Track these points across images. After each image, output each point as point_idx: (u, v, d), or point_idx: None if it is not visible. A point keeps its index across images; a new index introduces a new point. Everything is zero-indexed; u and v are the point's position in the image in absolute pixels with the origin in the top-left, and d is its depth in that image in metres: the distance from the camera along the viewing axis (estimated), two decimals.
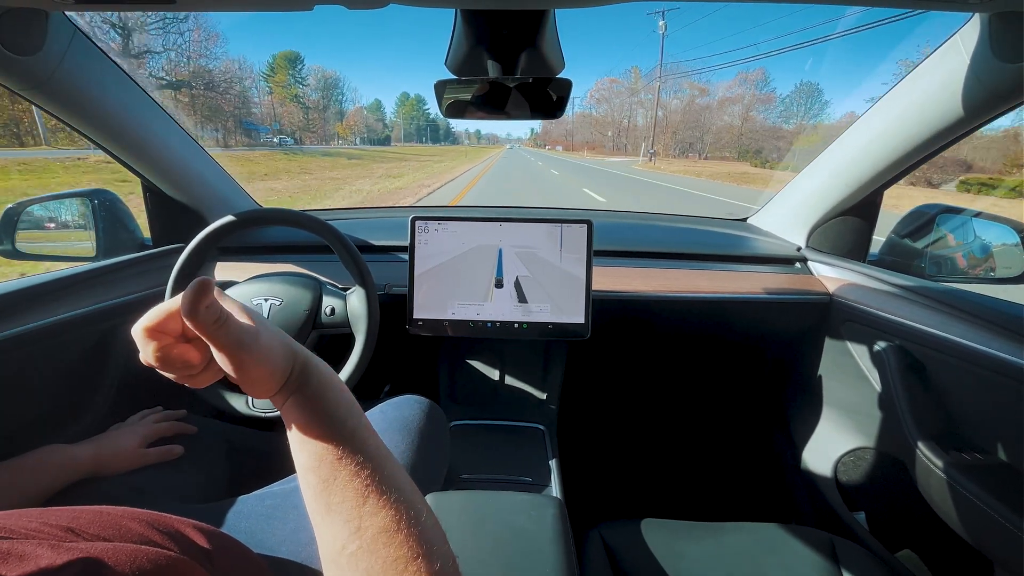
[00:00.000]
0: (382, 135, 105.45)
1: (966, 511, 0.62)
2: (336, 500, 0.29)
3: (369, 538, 0.28)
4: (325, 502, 0.30)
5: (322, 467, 0.30)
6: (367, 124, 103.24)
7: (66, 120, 0.75)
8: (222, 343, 0.29)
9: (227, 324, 0.29)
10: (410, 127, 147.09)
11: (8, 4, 0.55)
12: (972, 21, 0.62)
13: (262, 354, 0.30)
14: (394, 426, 0.67)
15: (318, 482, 0.30)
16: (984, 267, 0.93)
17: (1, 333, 0.65)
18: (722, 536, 0.70)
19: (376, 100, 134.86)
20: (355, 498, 0.29)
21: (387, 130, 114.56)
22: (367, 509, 0.29)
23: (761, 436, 1.21)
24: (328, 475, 0.30)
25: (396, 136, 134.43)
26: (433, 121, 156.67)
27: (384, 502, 0.30)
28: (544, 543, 0.54)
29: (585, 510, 0.86)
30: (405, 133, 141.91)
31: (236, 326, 0.29)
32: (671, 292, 0.98)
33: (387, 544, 0.28)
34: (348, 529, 0.29)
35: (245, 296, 0.80)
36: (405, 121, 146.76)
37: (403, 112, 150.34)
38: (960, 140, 0.76)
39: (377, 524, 0.29)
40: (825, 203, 1.00)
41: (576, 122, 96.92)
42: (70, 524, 0.33)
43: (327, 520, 0.30)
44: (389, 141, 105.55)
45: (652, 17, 63.29)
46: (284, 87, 72.00)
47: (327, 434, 0.31)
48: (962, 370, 0.69)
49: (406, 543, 0.29)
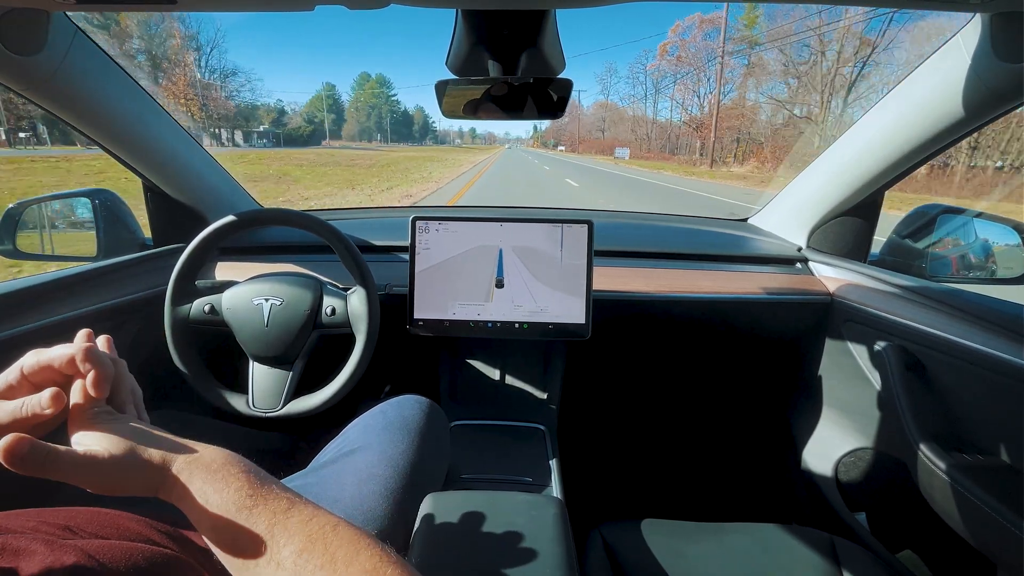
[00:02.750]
0: (304, 130, 71.62)
1: (967, 512, 0.62)
2: (249, 552, 0.30)
3: (290, 566, 0.29)
4: (240, 561, 0.30)
5: (224, 533, 0.30)
6: (272, 115, 73.50)
7: (68, 120, 0.75)
8: (57, 478, 0.29)
9: (56, 462, 0.29)
10: (367, 120, 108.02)
11: (10, 4, 0.55)
12: (973, 21, 0.62)
13: (101, 480, 0.30)
14: (394, 426, 0.67)
15: (227, 546, 0.30)
16: (985, 267, 0.92)
17: (1, 333, 0.65)
18: (723, 536, 0.70)
19: (327, 83, 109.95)
20: (263, 542, 0.30)
21: (309, 125, 76.99)
22: (279, 543, 0.30)
23: (762, 436, 1.21)
24: (231, 539, 0.30)
25: (348, 133, 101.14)
26: (405, 113, 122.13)
27: (293, 530, 0.30)
28: (545, 543, 0.54)
29: (586, 510, 0.86)
30: (361, 128, 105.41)
31: (68, 460, 0.29)
32: (672, 292, 0.98)
33: (307, 561, 0.29)
34: (270, 569, 0.29)
35: (245, 296, 0.80)
36: (360, 111, 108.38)
37: (362, 99, 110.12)
38: (961, 140, 0.76)
39: (293, 550, 0.29)
40: (826, 203, 0.99)
41: (594, 115, 71.64)
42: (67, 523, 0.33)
43: (250, 571, 0.30)
44: (316, 139, 71.63)
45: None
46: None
47: (220, 511, 0.31)
48: (963, 370, 0.68)
49: (326, 552, 0.29)
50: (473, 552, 0.53)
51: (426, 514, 0.58)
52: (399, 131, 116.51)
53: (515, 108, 0.62)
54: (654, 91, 53.30)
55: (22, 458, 0.28)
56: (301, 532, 0.30)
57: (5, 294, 0.68)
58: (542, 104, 0.61)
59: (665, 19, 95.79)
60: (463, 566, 0.51)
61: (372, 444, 0.64)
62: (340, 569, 0.29)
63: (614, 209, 1.73)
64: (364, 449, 0.63)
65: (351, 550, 0.30)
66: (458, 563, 0.51)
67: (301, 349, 0.81)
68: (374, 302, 0.80)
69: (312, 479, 0.62)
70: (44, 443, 0.29)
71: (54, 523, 0.33)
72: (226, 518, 0.30)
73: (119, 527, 0.36)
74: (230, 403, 0.80)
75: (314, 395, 0.80)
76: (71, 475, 0.29)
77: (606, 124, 68.03)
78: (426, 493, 0.62)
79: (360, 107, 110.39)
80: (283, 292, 0.80)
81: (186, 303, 0.79)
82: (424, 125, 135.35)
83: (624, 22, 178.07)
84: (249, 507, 0.31)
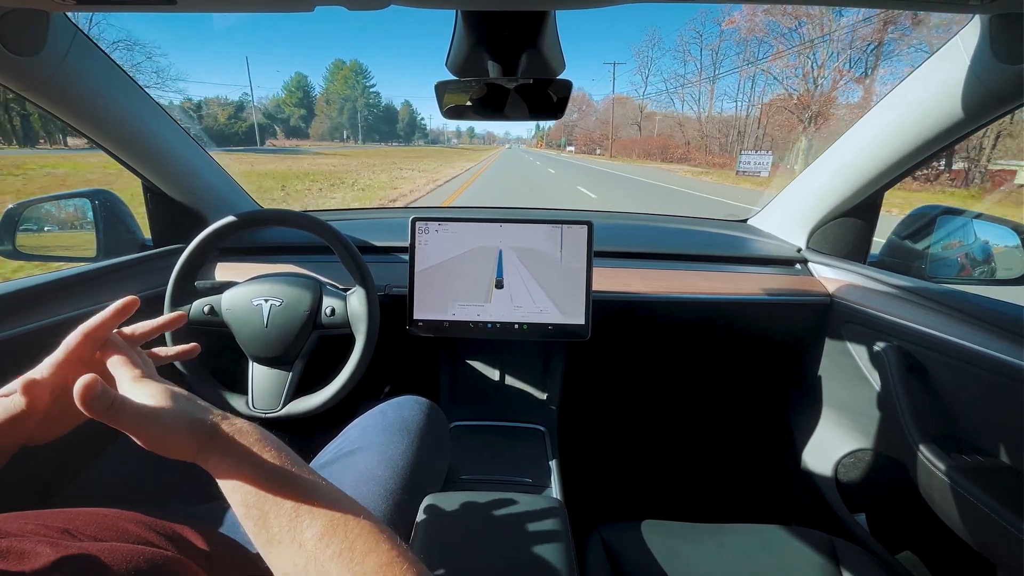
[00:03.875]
0: (238, 127, 59.19)
1: (967, 513, 0.62)
2: (275, 529, 0.30)
3: (311, 548, 0.29)
4: (266, 536, 0.30)
5: (254, 509, 0.31)
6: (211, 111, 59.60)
7: (67, 120, 0.75)
8: (118, 425, 0.30)
9: (121, 410, 0.30)
10: (339, 115, 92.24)
11: (10, 5, 0.55)
12: (972, 22, 0.62)
13: (160, 432, 0.31)
14: (394, 426, 0.67)
15: (255, 520, 0.31)
16: (984, 268, 0.93)
17: (1, 333, 0.65)
18: (723, 537, 0.70)
19: (297, 73, 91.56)
20: (289, 520, 0.30)
21: (238, 123, 60.60)
22: (303, 524, 0.30)
23: (762, 437, 1.21)
24: (261, 514, 0.31)
25: (317, 131, 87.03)
26: (387, 108, 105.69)
27: (317, 513, 0.31)
28: (544, 544, 0.54)
29: (585, 511, 0.86)
30: (333, 125, 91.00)
31: (132, 410, 0.31)
32: (672, 293, 0.98)
33: (327, 546, 0.29)
34: (292, 549, 0.30)
35: (245, 297, 0.80)
36: (331, 105, 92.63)
37: (334, 90, 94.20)
38: (960, 141, 0.76)
39: (315, 533, 0.30)
40: (825, 204, 1.00)
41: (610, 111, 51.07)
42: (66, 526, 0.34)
43: (274, 551, 0.30)
44: (252, 141, 58.38)
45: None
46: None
47: (253, 483, 0.31)
48: (963, 371, 0.69)
49: (345, 539, 0.30)
50: (473, 553, 0.53)
51: (426, 515, 0.58)
52: (379, 128, 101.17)
53: (515, 109, 0.62)
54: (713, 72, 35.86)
55: (94, 398, 0.29)
56: (325, 516, 0.31)
57: (5, 294, 0.68)
58: (542, 105, 0.61)
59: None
60: (463, 567, 0.51)
61: (372, 445, 0.64)
62: (357, 559, 0.29)
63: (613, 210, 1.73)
64: (364, 450, 0.63)
65: (371, 541, 0.30)
66: (458, 564, 0.51)
67: (301, 350, 0.81)
68: (374, 303, 0.80)
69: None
70: (113, 390, 0.30)
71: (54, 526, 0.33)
72: (259, 490, 0.31)
73: (118, 529, 0.36)
74: (230, 404, 0.80)
75: (314, 396, 0.80)
76: (132, 424, 0.30)
77: (641, 118, 48.09)
78: (426, 494, 0.61)
79: (332, 100, 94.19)
80: (283, 293, 0.80)
81: (186, 303, 0.79)
82: (411, 122, 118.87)
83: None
84: (281, 483, 0.31)
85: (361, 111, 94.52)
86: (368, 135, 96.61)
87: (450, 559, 0.52)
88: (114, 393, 0.30)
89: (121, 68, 0.77)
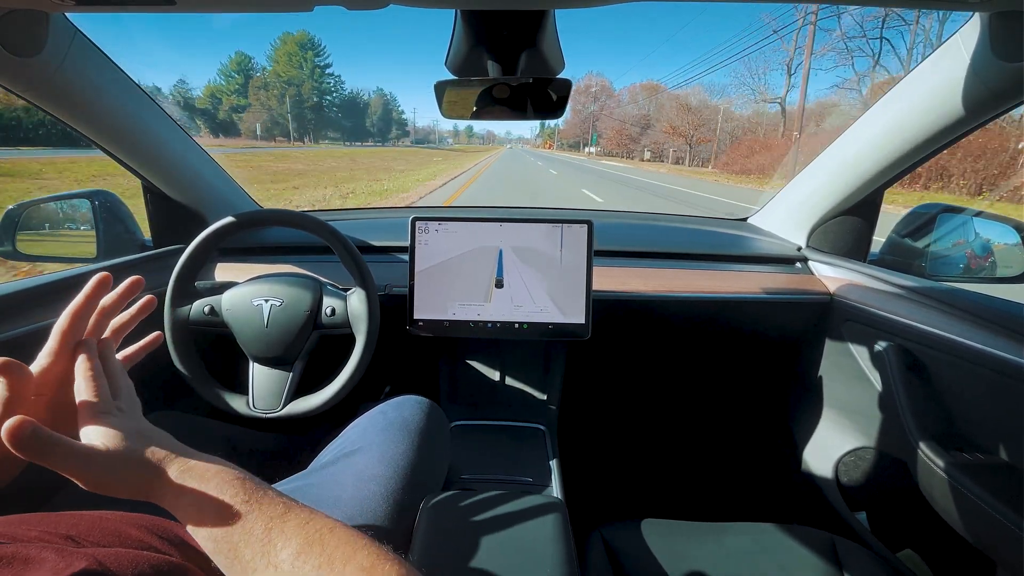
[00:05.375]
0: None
1: (968, 511, 0.62)
2: (247, 557, 0.30)
3: (288, 569, 0.29)
4: (240, 567, 0.30)
5: (223, 543, 0.31)
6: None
7: (67, 121, 0.75)
8: (50, 466, 0.29)
9: (52, 451, 0.29)
10: (279, 105, 66.13)
11: (9, 5, 0.55)
12: (972, 21, 0.62)
13: (100, 473, 0.31)
14: (394, 426, 0.67)
15: (226, 554, 0.30)
16: (985, 266, 0.93)
17: (1, 333, 0.65)
18: (723, 536, 0.70)
19: (238, 53, 67.04)
20: (262, 546, 0.30)
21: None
22: (276, 547, 0.30)
23: (762, 436, 1.21)
24: (230, 546, 0.30)
25: (248, 127, 63.22)
26: (352, 98, 78.65)
27: (290, 533, 0.30)
28: (545, 544, 0.54)
29: (586, 511, 0.86)
30: (271, 118, 65.78)
31: (65, 451, 0.30)
32: (672, 292, 0.98)
33: (305, 562, 0.29)
34: (268, 573, 0.29)
35: (245, 297, 0.80)
36: (269, 92, 66.24)
37: (276, 71, 67.95)
38: (960, 139, 0.76)
39: (291, 553, 0.30)
40: (826, 203, 0.99)
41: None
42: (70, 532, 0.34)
43: (248, 575, 0.30)
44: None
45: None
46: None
47: (216, 520, 0.31)
48: (963, 370, 0.69)
49: (323, 553, 0.30)
50: (473, 553, 0.53)
51: (426, 515, 0.58)
52: (338, 124, 75.49)
53: (515, 108, 0.62)
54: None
55: (23, 441, 0.28)
56: (298, 535, 0.30)
57: (6, 295, 0.68)
58: (542, 104, 0.61)
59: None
60: (463, 567, 0.51)
61: (372, 445, 0.64)
62: (338, 567, 0.29)
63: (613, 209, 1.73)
64: (364, 450, 0.63)
65: (348, 549, 0.30)
66: (458, 564, 0.51)
67: (301, 350, 0.81)
68: (374, 302, 0.80)
69: (312, 480, 0.62)
70: (46, 429, 0.29)
71: (57, 532, 0.33)
72: (222, 523, 0.31)
73: (121, 534, 0.36)
74: (230, 404, 0.80)
75: (314, 396, 0.80)
76: (65, 465, 0.30)
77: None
78: (426, 494, 0.62)
79: (271, 84, 68.11)
80: (283, 293, 0.80)
81: (186, 304, 0.79)
82: (386, 117, 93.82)
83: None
84: (245, 512, 0.31)
85: (309, 99, 68.08)
86: (320, 132, 72.82)
87: (450, 559, 0.52)
88: (47, 433, 0.29)
89: (121, 68, 0.77)
